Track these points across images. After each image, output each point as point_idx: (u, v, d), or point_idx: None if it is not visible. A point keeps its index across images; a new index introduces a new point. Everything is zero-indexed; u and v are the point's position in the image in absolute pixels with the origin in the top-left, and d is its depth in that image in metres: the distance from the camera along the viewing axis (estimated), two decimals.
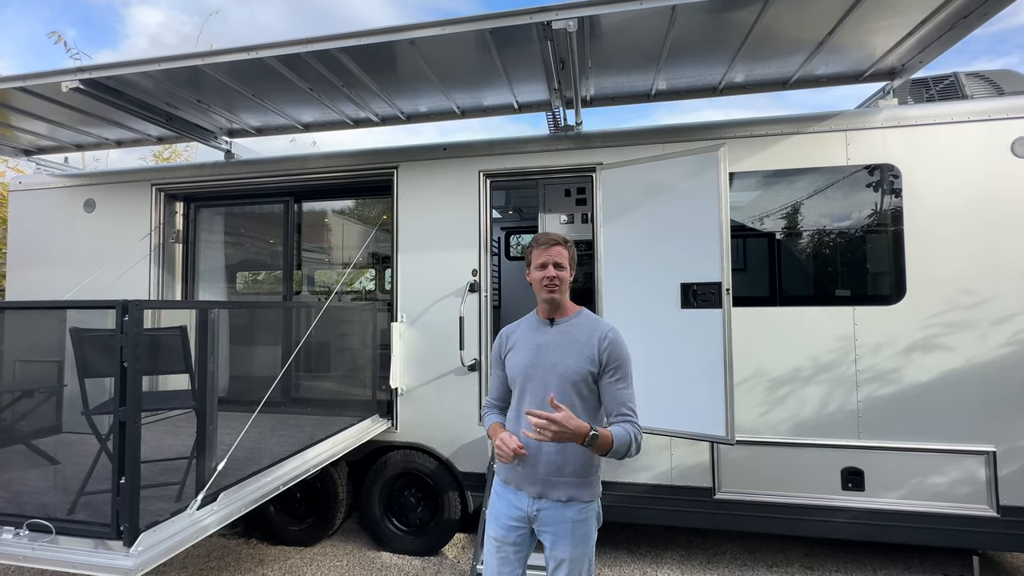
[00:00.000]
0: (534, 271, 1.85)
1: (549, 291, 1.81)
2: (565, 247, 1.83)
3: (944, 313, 3.00)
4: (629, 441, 1.66)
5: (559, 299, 1.83)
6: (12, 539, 1.84)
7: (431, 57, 2.94)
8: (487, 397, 2.02)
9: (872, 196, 3.24)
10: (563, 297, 1.84)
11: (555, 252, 1.81)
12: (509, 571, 1.83)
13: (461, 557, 3.56)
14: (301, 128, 4.07)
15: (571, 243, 1.87)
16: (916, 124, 3.08)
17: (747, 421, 3.15)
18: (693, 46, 2.90)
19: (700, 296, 2.89)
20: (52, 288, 4.23)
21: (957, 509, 2.93)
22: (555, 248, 1.82)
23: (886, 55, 2.99)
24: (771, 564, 3.40)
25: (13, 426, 2.81)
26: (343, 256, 5.27)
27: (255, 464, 2.54)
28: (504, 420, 1.92)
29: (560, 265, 1.81)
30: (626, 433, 1.67)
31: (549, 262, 1.80)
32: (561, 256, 1.81)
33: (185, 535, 1.92)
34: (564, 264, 1.81)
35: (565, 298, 1.86)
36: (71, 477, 2.57)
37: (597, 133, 3.54)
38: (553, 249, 1.82)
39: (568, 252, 1.83)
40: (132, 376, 1.77)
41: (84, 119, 3.77)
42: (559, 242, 1.83)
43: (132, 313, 1.77)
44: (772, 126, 3.27)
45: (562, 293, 1.83)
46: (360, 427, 3.48)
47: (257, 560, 3.52)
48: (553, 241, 1.83)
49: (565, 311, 1.86)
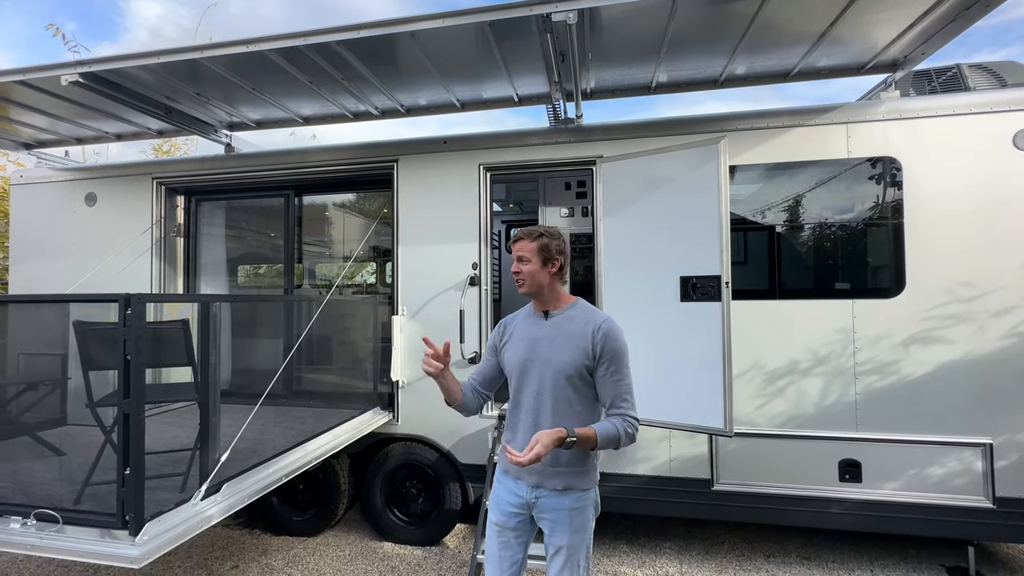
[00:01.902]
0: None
1: (518, 285, 1.84)
2: (531, 240, 1.81)
3: (943, 306, 3.00)
4: (617, 435, 1.68)
5: (530, 292, 1.84)
6: (20, 528, 1.87)
7: (431, 50, 2.93)
8: (470, 376, 2.00)
9: (873, 189, 3.24)
10: (538, 289, 1.83)
11: (518, 247, 1.83)
12: (510, 555, 1.86)
13: (462, 547, 3.60)
14: (301, 121, 4.06)
15: (544, 234, 1.82)
16: (918, 116, 3.07)
17: (745, 413, 3.17)
18: (694, 38, 2.89)
19: (700, 289, 2.89)
20: (55, 282, 4.25)
21: (954, 500, 2.95)
22: (518, 243, 1.83)
23: (888, 47, 2.97)
24: (768, 554, 3.44)
25: (18, 418, 2.84)
26: (343, 250, 5.29)
27: (258, 456, 2.57)
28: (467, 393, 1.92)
29: (523, 259, 1.81)
30: (612, 427, 1.69)
31: (515, 257, 1.84)
32: (523, 250, 1.81)
33: (189, 525, 1.95)
34: (527, 257, 1.81)
35: (549, 290, 1.84)
36: (76, 468, 2.61)
37: (597, 126, 3.53)
38: (517, 244, 1.84)
39: (534, 244, 1.80)
40: (135, 369, 1.78)
41: (84, 112, 3.76)
42: (522, 236, 1.84)
43: (135, 307, 1.78)
44: (773, 119, 3.25)
45: (530, 286, 1.82)
46: (361, 419, 3.51)
47: (261, 550, 3.57)
48: (517, 236, 1.85)
49: (559, 303, 1.86)
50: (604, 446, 1.67)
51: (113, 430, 2.25)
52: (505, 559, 1.86)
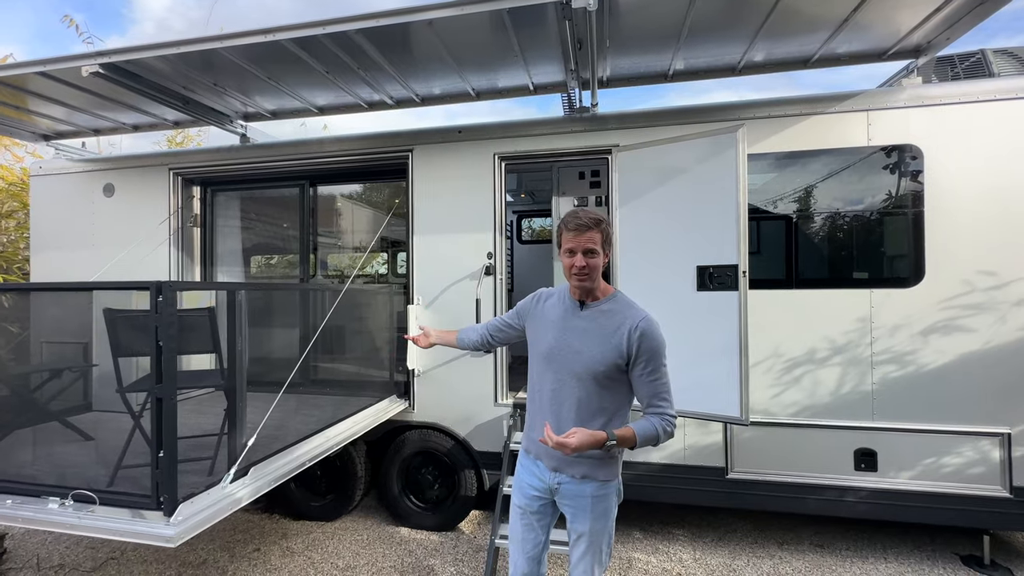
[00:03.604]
0: (564, 256, 1.75)
1: (579, 280, 1.74)
2: (598, 230, 1.70)
3: (963, 295, 2.98)
4: (656, 435, 1.65)
5: (590, 287, 1.76)
6: (58, 508, 1.94)
7: (448, 38, 2.92)
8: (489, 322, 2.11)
9: (893, 177, 3.20)
10: (595, 284, 1.77)
11: (586, 239, 1.69)
12: (533, 537, 1.89)
13: (477, 532, 3.66)
14: (316, 111, 4.07)
15: (605, 223, 1.73)
16: (941, 103, 3.03)
17: (761, 402, 3.18)
18: (714, 24, 2.85)
19: (716, 279, 2.89)
20: (75, 272, 4.32)
21: (970, 490, 2.96)
22: (587, 234, 1.69)
23: (912, 32, 2.92)
24: (781, 542, 3.47)
25: (47, 404, 2.91)
26: (355, 240, 5.31)
27: (280, 442, 2.62)
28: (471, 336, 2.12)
29: (592, 252, 1.69)
30: (652, 427, 1.66)
31: (579, 249, 1.70)
32: (593, 242, 1.69)
33: (220, 507, 2.00)
34: (597, 250, 1.70)
35: (598, 282, 1.78)
36: (104, 453, 2.68)
37: (613, 114, 3.51)
38: (585, 236, 1.69)
39: (602, 235, 1.71)
40: (167, 354, 1.82)
41: (101, 103, 3.79)
42: (591, 226, 1.69)
43: (166, 294, 1.82)
44: (792, 106, 3.22)
45: (593, 280, 1.75)
46: (378, 407, 3.56)
47: (281, 534, 3.65)
48: (585, 225, 1.70)
49: (597, 295, 1.80)
50: (643, 445, 1.65)
51: (142, 415, 2.31)
52: (528, 541, 1.89)
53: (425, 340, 2.23)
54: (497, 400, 3.62)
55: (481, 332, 2.12)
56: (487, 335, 2.10)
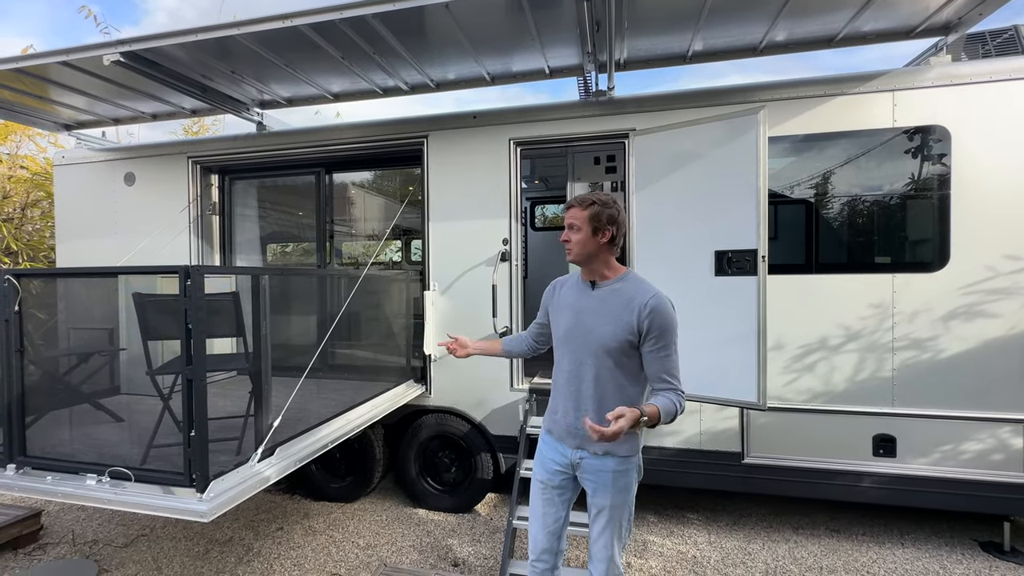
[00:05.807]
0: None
1: (567, 252, 1.85)
2: (581, 208, 1.80)
3: (988, 280, 2.93)
4: (675, 410, 1.70)
5: (578, 261, 1.85)
6: (96, 484, 2.01)
7: (464, 21, 2.90)
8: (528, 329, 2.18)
9: (918, 160, 3.13)
10: (587, 259, 1.83)
11: (569, 215, 1.84)
12: (553, 512, 1.93)
13: (493, 514, 3.73)
14: (331, 98, 4.07)
15: (596, 202, 1.80)
16: (970, 82, 2.94)
17: (778, 387, 3.17)
18: (736, 2, 2.79)
19: (735, 263, 2.87)
20: (99, 259, 4.42)
21: (990, 476, 2.94)
22: (570, 211, 1.84)
23: (942, 8, 2.83)
24: (796, 526, 3.48)
25: (79, 387, 3.00)
26: (368, 228, 5.34)
27: (303, 424, 2.68)
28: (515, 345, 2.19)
29: (573, 227, 1.81)
30: (670, 403, 1.69)
31: (566, 224, 1.85)
32: (574, 217, 1.81)
33: (248, 484, 2.07)
34: (578, 225, 1.80)
35: (599, 261, 1.82)
36: (134, 434, 2.76)
37: (630, 98, 3.46)
38: (568, 212, 1.85)
39: (585, 212, 1.79)
40: (197, 337, 1.87)
41: (122, 92, 3.84)
42: (574, 204, 1.84)
43: (194, 277, 1.86)
44: (813, 87, 3.15)
45: (578, 255, 1.82)
46: (396, 391, 3.62)
47: (303, 513, 3.75)
48: (568, 204, 1.86)
49: (608, 274, 1.84)
50: (665, 422, 1.69)
51: (171, 397, 2.38)
52: (549, 515, 1.93)
53: (463, 351, 2.27)
54: (513, 385, 3.65)
55: (527, 342, 2.17)
56: (533, 344, 2.16)
